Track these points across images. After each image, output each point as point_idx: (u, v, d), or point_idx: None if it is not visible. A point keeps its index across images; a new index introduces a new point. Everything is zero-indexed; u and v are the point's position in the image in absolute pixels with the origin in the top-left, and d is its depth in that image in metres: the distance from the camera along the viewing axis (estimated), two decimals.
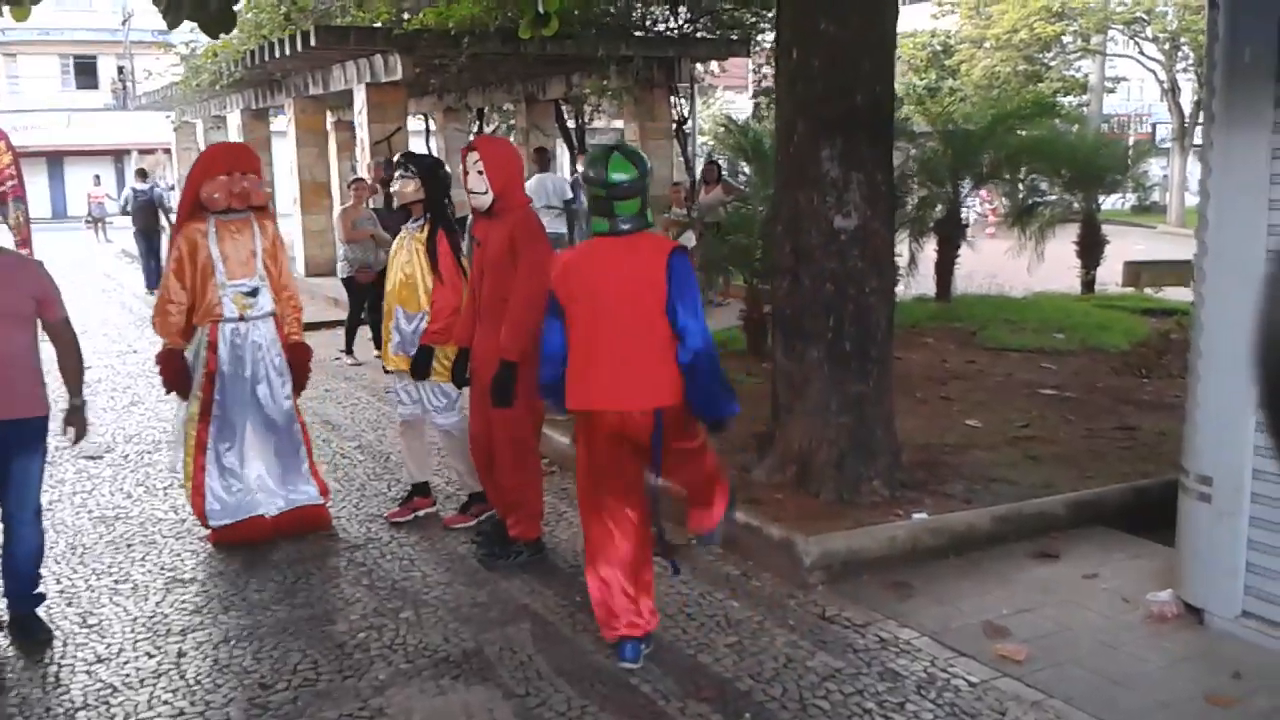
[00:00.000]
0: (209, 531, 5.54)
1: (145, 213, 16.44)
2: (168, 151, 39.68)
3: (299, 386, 5.64)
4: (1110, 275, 14.63)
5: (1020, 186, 13.21)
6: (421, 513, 5.83)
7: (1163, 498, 4.89)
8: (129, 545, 5.52)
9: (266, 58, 13.53)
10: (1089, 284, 13.80)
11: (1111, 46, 33.55)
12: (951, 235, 11.98)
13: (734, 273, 9.46)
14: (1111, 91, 36.49)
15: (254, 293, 5.45)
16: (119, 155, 43.77)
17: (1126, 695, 3.77)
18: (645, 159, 4.10)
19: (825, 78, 5.52)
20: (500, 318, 4.81)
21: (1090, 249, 13.72)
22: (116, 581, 5.04)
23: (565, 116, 17.48)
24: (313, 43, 11.98)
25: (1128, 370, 8.79)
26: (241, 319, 5.44)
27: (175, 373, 5.45)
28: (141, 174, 17.82)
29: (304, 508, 5.66)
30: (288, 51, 12.76)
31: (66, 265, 20.70)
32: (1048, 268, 13.19)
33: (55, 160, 45.01)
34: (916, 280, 11.83)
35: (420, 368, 5.40)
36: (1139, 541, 5.18)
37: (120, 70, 46.43)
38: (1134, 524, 5.37)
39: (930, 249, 12.17)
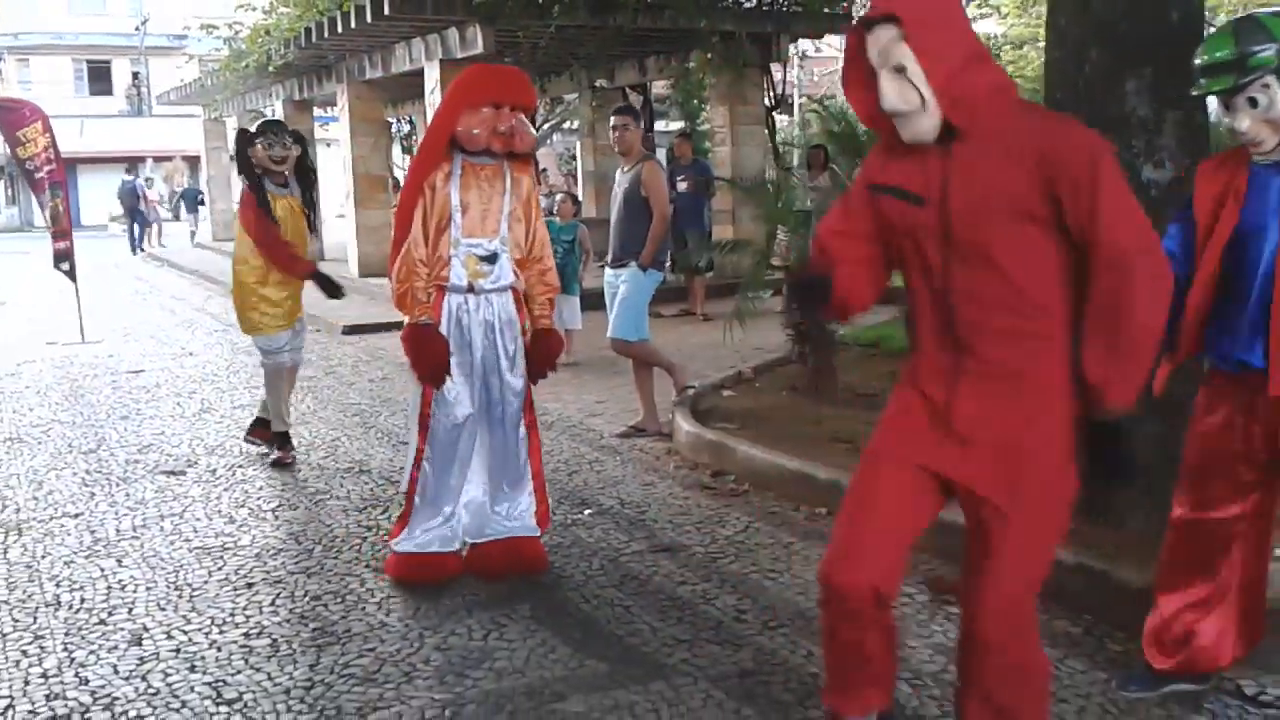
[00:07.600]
0: (389, 555, 4.37)
1: (130, 197, 25.74)
2: (186, 158, 38.43)
3: (536, 376, 4.40)
4: None
5: None
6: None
7: None
8: (249, 585, 4.32)
9: (326, 34, 12.33)
10: None
11: None
12: None
13: None
14: None
15: (492, 258, 4.20)
16: (134, 163, 42.56)
17: None
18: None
19: None
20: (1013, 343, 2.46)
21: None
22: (246, 636, 3.84)
23: (646, 103, 15.90)
24: (386, 11, 10.74)
25: None
26: (471, 290, 4.21)
27: (434, 355, 4.12)
28: (129, 169, 27.12)
29: (512, 539, 4.42)
30: (353, 25, 11.54)
31: (96, 268, 19.64)
32: None
33: (69, 168, 43.85)
34: None
35: None
36: None
37: (135, 76, 45.18)
38: None
39: None
